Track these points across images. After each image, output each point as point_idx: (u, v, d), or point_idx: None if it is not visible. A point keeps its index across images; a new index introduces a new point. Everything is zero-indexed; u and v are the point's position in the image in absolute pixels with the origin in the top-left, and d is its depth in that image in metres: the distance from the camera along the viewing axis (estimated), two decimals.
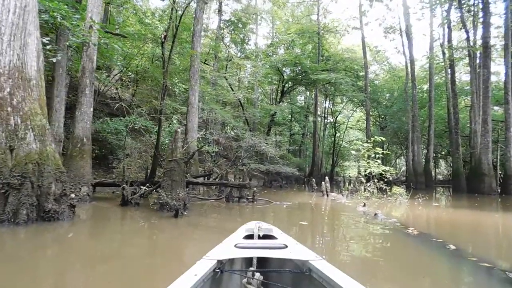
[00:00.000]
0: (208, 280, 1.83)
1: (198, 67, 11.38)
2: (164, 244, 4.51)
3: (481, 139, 17.77)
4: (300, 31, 26.54)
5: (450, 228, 6.36)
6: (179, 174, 6.66)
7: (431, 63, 23.29)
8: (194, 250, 4.09)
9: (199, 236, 5.06)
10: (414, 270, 3.45)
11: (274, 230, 2.72)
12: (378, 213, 6.95)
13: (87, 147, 7.83)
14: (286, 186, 19.03)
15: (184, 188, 6.74)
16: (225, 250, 2.14)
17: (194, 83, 10.97)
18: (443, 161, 38.40)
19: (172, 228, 5.36)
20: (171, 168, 6.59)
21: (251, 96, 25.40)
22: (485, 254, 4.15)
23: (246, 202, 9.05)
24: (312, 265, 1.88)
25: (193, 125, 11.05)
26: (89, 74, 7.86)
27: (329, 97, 33.91)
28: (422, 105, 27.20)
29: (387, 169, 12.52)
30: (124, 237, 4.84)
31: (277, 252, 2.11)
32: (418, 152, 22.95)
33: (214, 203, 8.98)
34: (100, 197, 9.10)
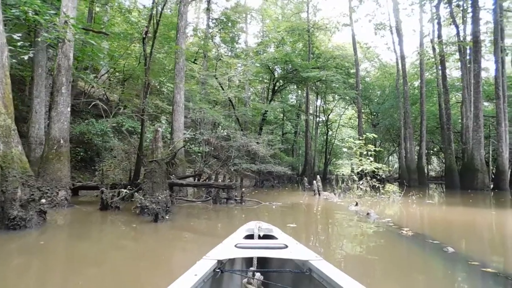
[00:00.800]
0: (208, 280, 1.83)
1: (184, 65, 10.99)
2: (138, 253, 4.13)
3: (473, 134, 17.65)
4: (290, 28, 26.27)
5: (446, 228, 6.05)
6: (160, 176, 6.29)
7: (422, 59, 23.15)
8: (172, 261, 3.73)
9: (179, 243, 4.67)
10: (411, 277, 3.13)
11: (274, 230, 2.72)
12: (371, 213, 6.65)
13: (64, 149, 7.40)
14: (278, 185, 18.71)
15: (166, 190, 6.36)
16: (225, 250, 2.13)
17: (179, 81, 10.58)
18: (435, 158, 38.49)
19: (149, 235, 4.99)
20: (152, 169, 6.22)
21: (241, 96, 25.08)
22: (487, 257, 3.85)
23: (234, 203, 8.70)
24: (312, 265, 1.88)
25: (179, 125, 10.66)
26: (65, 72, 7.44)
27: (321, 95, 33.73)
28: (414, 102, 27.12)
29: (379, 167, 12.29)
30: (94, 246, 4.44)
31: (277, 252, 2.10)
32: (411, 148, 22.81)
33: (201, 205, 8.62)
34: (82, 201, 8.70)
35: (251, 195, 12.64)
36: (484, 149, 17.98)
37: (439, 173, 38.33)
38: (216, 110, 17.56)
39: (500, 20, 18.38)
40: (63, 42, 7.37)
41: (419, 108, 24.27)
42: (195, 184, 8.40)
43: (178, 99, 10.67)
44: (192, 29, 28.15)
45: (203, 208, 8.20)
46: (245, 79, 26.17)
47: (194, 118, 17.69)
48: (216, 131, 18.20)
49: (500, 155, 17.74)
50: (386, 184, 12.02)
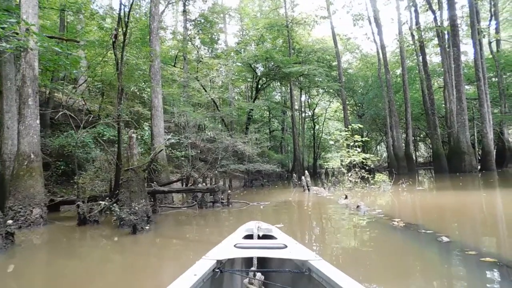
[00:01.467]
0: (207, 280, 1.83)
1: (159, 67, 10.63)
2: (113, 271, 3.81)
3: (458, 117, 17.71)
4: (268, 25, 26.03)
5: (439, 215, 5.86)
6: (138, 184, 5.95)
7: (402, 46, 23.20)
8: (150, 274, 3.42)
9: (160, 254, 4.35)
10: (407, 273, 2.90)
11: (274, 230, 2.72)
12: (361, 205, 6.44)
13: (36, 164, 6.99)
14: (268, 184, 18.46)
15: (145, 199, 6.03)
16: (224, 250, 2.13)
17: (155, 84, 10.21)
18: (422, 144, 38.82)
19: (127, 249, 4.65)
20: (128, 178, 5.87)
21: (224, 96, 24.76)
22: (483, 244, 3.65)
23: (221, 206, 8.41)
24: (312, 265, 1.88)
25: (159, 130, 10.30)
26: (31, 83, 7.02)
27: (305, 90, 33.62)
28: (397, 90, 27.21)
29: (367, 157, 12.13)
30: (69, 265, 4.09)
31: (277, 252, 2.09)
32: (398, 136, 22.85)
33: (188, 210, 8.30)
34: (63, 217, 8.24)
35: (240, 196, 12.37)
36: (469, 131, 18.08)
37: (427, 159, 38.67)
38: (199, 112, 17.19)
39: (475, 2, 18.50)
40: (26, 51, 6.96)
41: (403, 95, 24.34)
42: (177, 190, 8.07)
43: (156, 103, 10.31)
44: (170, 32, 27.77)
45: (189, 214, 7.89)
46: (227, 80, 25.87)
47: (178, 122, 17.30)
48: (201, 134, 17.88)
49: (485, 136, 17.87)
50: (376, 174, 11.85)
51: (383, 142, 38.84)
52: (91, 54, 17.06)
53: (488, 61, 21.74)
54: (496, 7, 21.89)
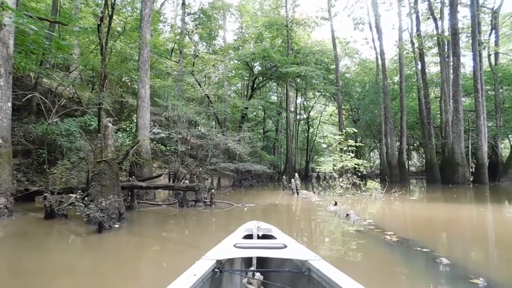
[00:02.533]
0: (207, 280, 1.83)
1: (148, 56, 10.10)
2: (53, 273, 3.31)
3: (453, 128, 17.43)
4: (268, 23, 25.59)
5: (434, 230, 5.41)
6: (111, 178, 5.45)
7: (401, 53, 22.92)
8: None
9: (114, 261, 3.83)
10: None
11: (274, 230, 2.70)
12: (351, 213, 6.01)
13: (4, 150, 6.45)
14: (257, 185, 18.01)
15: (118, 194, 5.54)
16: (224, 250, 2.13)
17: (143, 74, 9.68)
18: (415, 153, 38.69)
19: (84, 250, 4.15)
20: (100, 171, 5.37)
21: (218, 93, 24.25)
22: (489, 270, 3.20)
23: (203, 206, 7.92)
24: (312, 265, 1.87)
25: (145, 122, 9.77)
26: (4, 62, 6.48)
27: (301, 92, 33.29)
28: (394, 97, 26.98)
29: (360, 163, 11.75)
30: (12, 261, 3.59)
31: (277, 252, 2.09)
32: (392, 144, 22.55)
33: (168, 208, 7.81)
34: (36, 208, 7.65)
35: (226, 196, 11.91)
36: (464, 143, 17.80)
37: (419, 168, 38.60)
38: (191, 107, 16.64)
39: (477, 13, 18.25)
40: (0, 27, 6.41)
41: (399, 103, 24.11)
42: (156, 186, 7.56)
43: (143, 93, 9.78)
44: (166, 24, 27.21)
45: (168, 212, 7.40)
46: (223, 76, 25.40)
47: (168, 116, 16.75)
48: (192, 129, 17.35)
49: (479, 149, 17.61)
50: (368, 181, 11.45)
51: (376, 148, 38.66)
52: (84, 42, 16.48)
53: (486, 74, 21.54)
54: (496, 20, 21.71)
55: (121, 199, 5.68)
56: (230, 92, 30.91)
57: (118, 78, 18.89)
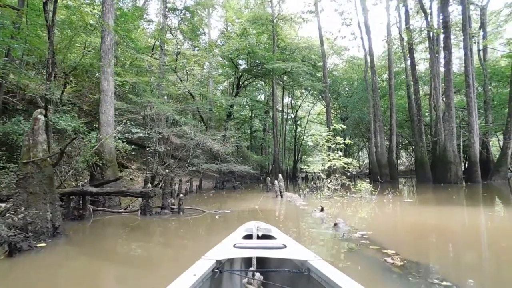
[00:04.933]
0: (207, 280, 1.82)
1: (112, 45, 8.96)
2: None
3: (445, 125, 16.70)
4: (253, 18, 24.61)
5: (447, 245, 4.27)
6: (41, 183, 4.33)
7: (390, 48, 22.19)
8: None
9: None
10: None
11: (273, 230, 2.70)
12: (339, 222, 4.99)
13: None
14: (241, 187, 16.92)
15: (52, 203, 4.43)
16: (224, 250, 2.13)
17: (106, 64, 8.54)
18: (403, 152, 38.24)
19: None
20: (27, 175, 4.25)
21: (202, 90, 23.12)
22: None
23: (169, 213, 6.83)
24: (311, 265, 1.86)
25: (108, 118, 8.62)
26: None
27: (288, 90, 32.44)
28: (382, 95, 26.29)
29: (349, 162, 10.83)
30: None
31: (276, 252, 2.09)
32: (381, 142, 21.76)
33: (128, 216, 6.71)
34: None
35: (205, 199, 10.85)
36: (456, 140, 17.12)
37: (408, 167, 38.19)
38: (170, 104, 15.52)
39: (467, 6, 17.61)
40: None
41: (388, 101, 23.39)
42: (107, 192, 6.43)
43: (106, 86, 8.63)
44: (151, 23, 26.03)
45: (128, 221, 6.29)
46: (208, 74, 24.38)
47: (145, 115, 15.59)
48: (174, 128, 16.21)
49: (472, 146, 16.92)
50: (357, 181, 10.50)
51: (365, 148, 38.05)
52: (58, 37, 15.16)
53: (475, 70, 20.98)
54: (484, 16, 21.19)
55: (57, 209, 4.56)
56: (216, 91, 29.85)
57: (91, 74, 17.62)
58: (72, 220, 5.99)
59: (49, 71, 6.36)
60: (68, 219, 6.00)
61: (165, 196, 6.95)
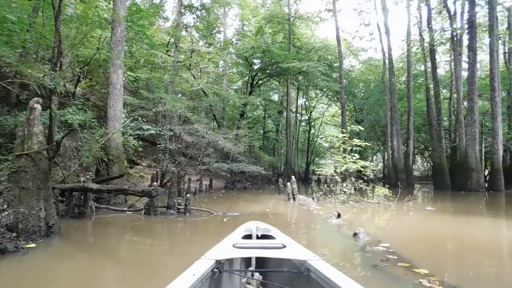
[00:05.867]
0: (206, 280, 1.81)
1: (122, 36, 8.66)
2: None
3: (467, 130, 15.93)
4: (269, 16, 24.18)
5: (488, 264, 3.63)
6: (35, 178, 4.00)
7: (409, 49, 21.41)
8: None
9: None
10: None
11: (273, 230, 2.68)
12: (360, 232, 4.49)
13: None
14: (252, 187, 16.50)
15: (47, 200, 4.10)
16: (223, 250, 2.11)
17: (115, 56, 8.25)
18: (418, 157, 37.16)
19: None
20: (20, 169, 3.93)
21: (215, 88, 22.84)
22: None
23: (175, 214, 6.45)
24: (311, 265, 1.85)
25: (116, 112, 8.32)
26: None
27: (303, 91, 31.90)
28: (400, 97, 25.48)
29: (366, 165, 10.29)
30: None
31: (276, 252, 2.08)
32: (398, 146, 20.99)
33: (132, 216, 6.36)
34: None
35: (213, 199, 10.47)
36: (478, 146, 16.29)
37: (423, 173, 37.16)
38: (181, 101, 15.23)
39: (495, 6, 16.76)
40: None
41: (406, 104, 22.61)
42: (108, 189, 6.09)
43: (115, 79, 8.34)
44: (161, 17, 25.92)
45: (131, 221, 5.95)
46: (222, 72, 24.12)
47: (157, 111, 15.34)
48: (186, 126, 15.92)
49: (495, 153, 16.07)
50: (375, 186, 9.92)
51: (379, 151, 37.15)
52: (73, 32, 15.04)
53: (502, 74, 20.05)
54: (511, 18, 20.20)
55: (52, 207, 4.22)
56: (230, 90, 29.56)
57: (105, 69, 17.51)
58: (72, 218, 5.68)
59: (55, 61, 6.06)
60: (68, 216, 5.69)
61: (171, 195, 6.58)
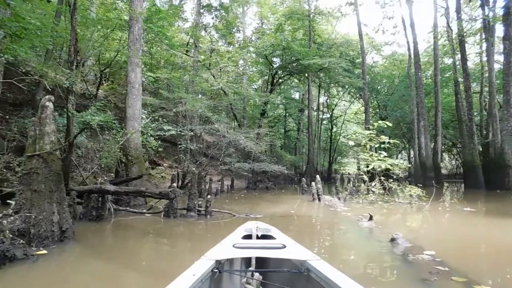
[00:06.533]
0: (206, 280, 1.81)
1: (140, 34, 8.48)
2: None
3: (503, 124, 14.95)
4: (288, 12, 23.71)
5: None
6: (47, 180, 3.78)
7: (436, 42, 20.39)
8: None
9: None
10: None
11: (273, 230, 2.68)
12: (398, 237, 4.02)
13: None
14: (274, 187, 16.10)
15: (60, 203, 3.88)
16: (223, 250, 2.11)
17: (133, 54, 8.08)
18: (445, 154, 35.66)
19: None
20: (31, 170, 3.73)
21: (235, 87, 22.64)
22: None
23: (195, 216, 6.17)
24: (311, 265, 1.85)
25: (134, 111, 8.15)
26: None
27: (324, 89, 31.21)
28: (426, 93, 24.40)
29: (395, 163, 9.70)
30: None
31: (276, 252, 2.08)
32: (426, 143, 20.02)
33: (151, 218, 6.13)
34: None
35: (234, 200, 10.17)
36: None
37: (451, 171, 35.67)
38: (201, 100, 15.04)
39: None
40: None
41: (432, 99, 21.58)
42: (126, 191, 5.84)
43: (133, 78, 8.16)
44: (181, 18, 25.98)
45: (150, 224, 5.71)
46: (242, 71, 23.91)
47: (177, 111, 15.23)
48: (207, 126, 15.76)
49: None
50: (405, 185, 9.28)
51: (404, 149, 35.92)
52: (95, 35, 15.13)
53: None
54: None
55: (65, 210, 4.00)
56: (250, 90, 29.33)
57: (126, 71, 17.61)
58: (90, 221, 5.49)
59: (71, 59, 5.90)
60: (86, 219, 5.51)
61: (192, 197, 6.30)
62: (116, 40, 15.53)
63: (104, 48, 14.64)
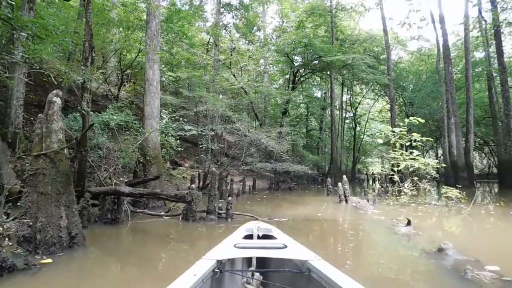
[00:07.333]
0: (207, 280, 1.80)
1: (158, 30, 8.21)
2: None
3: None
4: (309, 9, 23.09)
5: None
6: (55, 182, 3.49)
7: (467, 34, 19.22)
8: None
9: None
10: None
11: (274, 230, 2.67)
12: (447, 248, 3.46)
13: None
14: (297, 188, 15.58)
15: (69, 206, 3.58)
16: (224, 250, 2.09)
17: (151, 51, 7.82)
18: (476, 153, 33.97)
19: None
20: (37, 171, 3.44)
21: (256, 86, 22.29)
22: None
23: (215, 219, 5.79)
24: (312, 265, 1.85)
25: (152, 110, 7.89)
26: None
27: (347, 86, 30.32)
28: (457, 88, 23.18)
29: (429, 162, 9.01)
30: None
31: (277, 252, 2.07)
32: (458, 141, 18.90)
33: (170, 221, 5.81)
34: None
35: (256, 201, 9.76)
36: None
37: (482, 171, 33.96)
38: (220, 99, 14.76)
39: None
40: None
41: (463, 94, 20.40)
42: (140, 193, 5.50)
43: (151, 75, 7.90)
44: (201, 17, 25.93)
45: (168, 227, 5.38)
46: (263, 69, 23.55)
47: (197, 111, 15.00)
48: (228, 125, 15.46)
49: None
50: (443, 187, 8.56)
51: (432, 148, 34.48)
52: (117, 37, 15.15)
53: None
54: None
55: (75, 214, 3.69)
56: (271, 89, 28.94)
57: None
58: (105, 224, 5.21)
59: (86, 56, 5.66)
60: (101, 222, 5.24)
61: (211, 199, 5.93)
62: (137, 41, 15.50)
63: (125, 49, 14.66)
